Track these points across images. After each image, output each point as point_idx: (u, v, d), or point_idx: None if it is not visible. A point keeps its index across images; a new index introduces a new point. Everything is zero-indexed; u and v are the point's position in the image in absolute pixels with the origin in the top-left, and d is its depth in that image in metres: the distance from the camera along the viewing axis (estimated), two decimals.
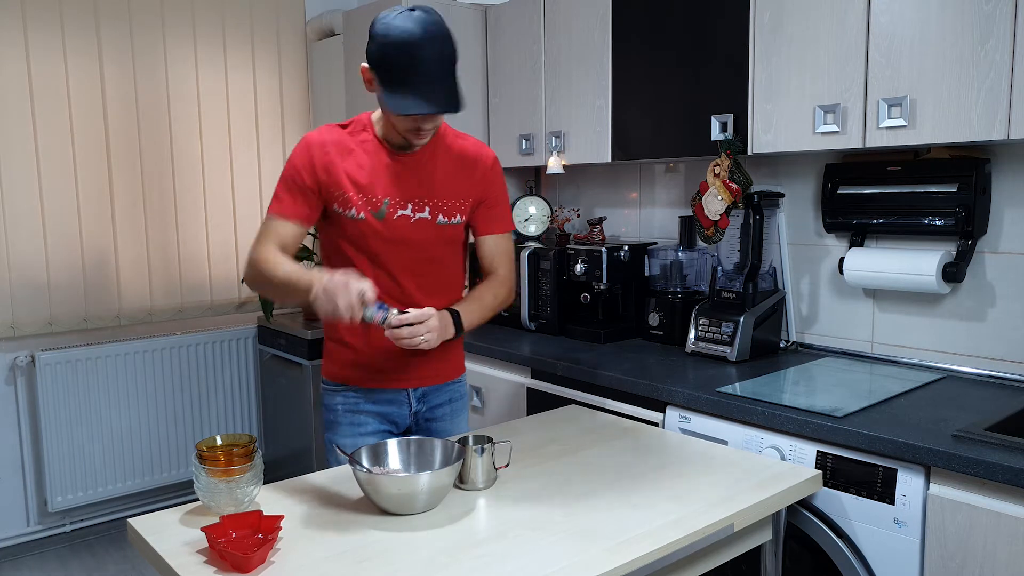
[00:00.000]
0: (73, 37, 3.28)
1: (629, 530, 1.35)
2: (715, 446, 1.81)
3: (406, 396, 1.88)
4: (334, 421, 1.88)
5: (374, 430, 1.86)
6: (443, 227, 1.80)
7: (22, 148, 3.21)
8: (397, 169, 1.75)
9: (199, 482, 1.43)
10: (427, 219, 1.77)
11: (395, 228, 1.75)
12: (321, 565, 1.25)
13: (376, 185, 1.73)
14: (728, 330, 2.34)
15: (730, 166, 2.28)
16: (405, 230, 1.76)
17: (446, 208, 1.79)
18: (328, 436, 1.89)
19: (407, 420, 1.90)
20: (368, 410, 1.86)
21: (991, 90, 1.77)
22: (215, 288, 3.74)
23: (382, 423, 1.87)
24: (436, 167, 1.78)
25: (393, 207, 1.74)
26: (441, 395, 1.92)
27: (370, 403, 1.85)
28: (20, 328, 3.27)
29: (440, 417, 1.93)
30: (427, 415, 1.92)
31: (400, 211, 1.74)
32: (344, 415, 1.86)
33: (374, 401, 1.86)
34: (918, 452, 1.61)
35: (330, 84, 3.72)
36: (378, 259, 1.77)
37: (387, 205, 1.73)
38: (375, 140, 1.75)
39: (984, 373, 2.12)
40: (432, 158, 1.78)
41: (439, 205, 1.78)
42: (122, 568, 3.16)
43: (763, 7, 2.17)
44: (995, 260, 2.10)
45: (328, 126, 1.77)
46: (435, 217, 1.78)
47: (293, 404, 3.57)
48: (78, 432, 3.38)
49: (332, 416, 1.88)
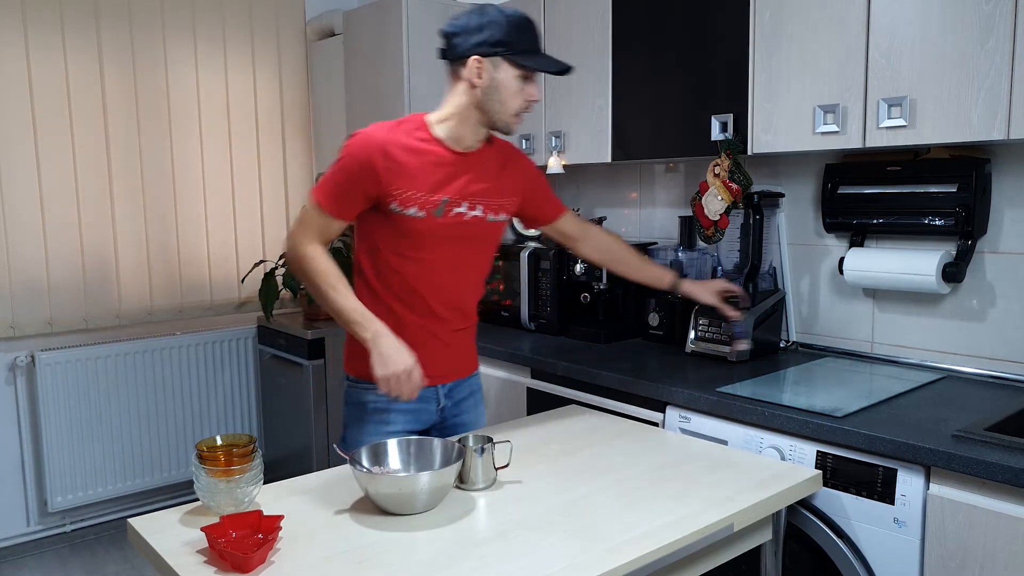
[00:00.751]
0: (73, 37, 3.28)
1: (629, 530, 1.36)
2: (715, 446, 1.81)
3: (435, 392, 1.90)
4: (360, 418, 1.87)
5: (400, 428, 1.87)
6: (491, 224, 1.88)
7: (22, 148, 3.21)
8: (455, 169, 1.80)
9: (199, 482, 1.43)
10: (480, 216, 1.84)
11: (450, 226, 1.80)
12: (321, 565, 1.25)
13: (435, 184, 1.77)
14: (728, 330, 2.34)
15: (730, 166, 2.28)
16: (460, 227, 1.81)
17: (495, 206, 1.87)
18: (349, 434, 1.88)
19: (434, 416, 1.92)
20: (398, 408, 1.86)
21: (991, 90, 1.77)
22: (215, 288, 3.74)
23: (409, 422, 1.88)
24: (489, 167, 1.86)
25: (450, 205, 1.79)
26: (464, 389, 1.97)
27: (400, 401, 1.82)
28: (20, 328, 3.27)
29: (465, 410, 1.97)
30: (453, 410, 1.95)
31: (456, 209, 1.80)
32: (372, 413, 1.86)
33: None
34: (918, 452, 1.61)
35: (330, 84, 3.72)
36: (426, 255, 1.80)
37: (445, 204, 1.78)
38: (433, 140, 1.79)
39: (984, 373, 2.12)
40: (485, 158, 1.86)
41: (491, 204, 1.86)
42: (122, 568, 3.17)
43: (763, 7, 2.17)
44: (995, 260, 2.10)
45: (383, 125, 1.78)
46: (486, 215, 1.85)
47: (293, 404, 3.57)
48: (78, 432, 3.38)
49: (358, 413, 1.87)
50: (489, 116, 1.78)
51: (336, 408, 3.46)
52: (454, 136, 1.79)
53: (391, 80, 3.13)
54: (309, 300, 3.57)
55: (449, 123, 1.79)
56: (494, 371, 2.70)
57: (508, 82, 1.75)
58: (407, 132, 1.77)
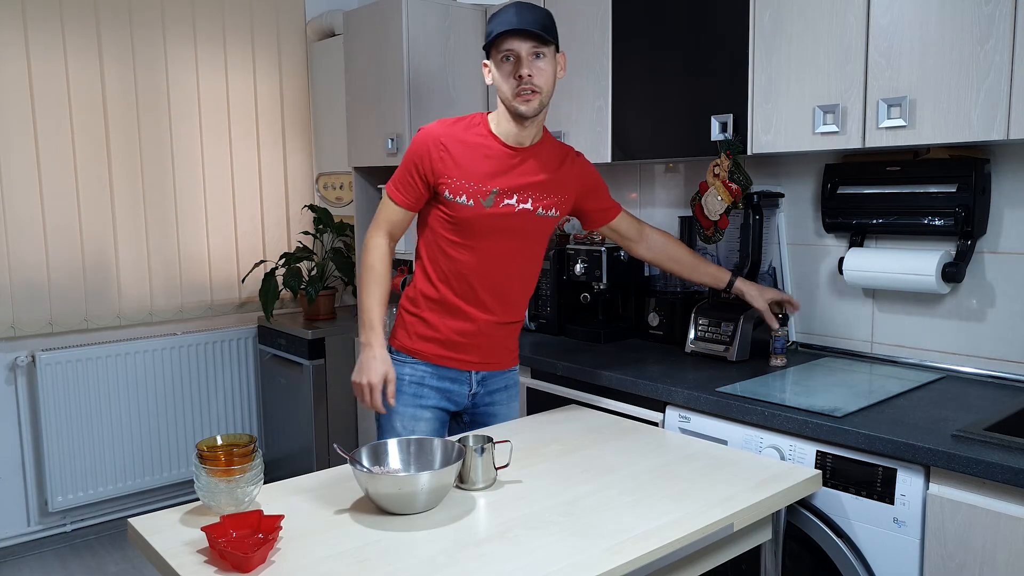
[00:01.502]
0: (73, 37, 3.28)
1: (629, 530, 1.36)
2: (715, 446, 1.81)
3: (468, 377, 2.00)
4: (399, 389, 1.93)
5: (434, 404, 1.98)
6: (541, 219, 1.95)
7: (22, 148, 3.21)
8: (508, 162, 1.89)
9: (199, 482, 1.43)
10: (529, 210, 1.91)
11: (499, 216, 1.89)
12: (321, 565, 1.25)
13: (487, 174, 1.87)
14: (728, 330, 2.34)
15: (730, 166, 2.28)
16: (508, 218, 1.90)
17: (546, 202, 1.94)
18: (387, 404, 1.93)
19: (465, 400, 2.02)
20: (432, 384, 1.97)
21: (991, 90, 1.77)
22: (215, 288, 3.75)
23: (441, 399, 1.99)
24: (542, 164, 1.93)
25: (500, 196, 1.88)
26: (498, 381, 2.05)
27: (435, 378, 1.97)
28: (20, 328, 3.27)
29: (497, 401, 2.05)
30: (485, 399, 2.04)
31: (506, 200, 1.88)
32: (410, 385, 1.96)
33: (439, 377, 1.97)
34: (918, 452, 1.61)
35: (330, 84, 3.72)
36: (476, 244, 1.90)
37: (495, 195, 1.87)
38: (490, 135, 1.90)
39: (984, 373, 2.12)
40: (539, 156, 1.93)
41: (541, 199, 1.93)
42: (122, 568, 3.17)
43: (763, 7, 2.17)
44: (995, 260, 2.10)
45: (446, 120, 1.93)
46: (536, 209, 1.92)
47: (293, 404, 3.57)
48: (78, 432, 3.38)
49: (397, 386, 1.92)
50: (506, 107, 1.87)
51: (336, 408, 3.47)
52: (504, 132, 1.89)
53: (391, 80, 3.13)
54: (309, 300, 3.57)
55: (499, 120, 1.91)
56: None
57: (497, 70, 1.84)
58: (466, 127, 1.91)
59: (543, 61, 1.82)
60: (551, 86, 1.86)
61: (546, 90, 1.84)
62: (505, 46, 1.80)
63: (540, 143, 1.94)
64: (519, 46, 1.79)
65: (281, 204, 3.91)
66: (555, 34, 1.86)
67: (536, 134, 1.93)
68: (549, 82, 1.84)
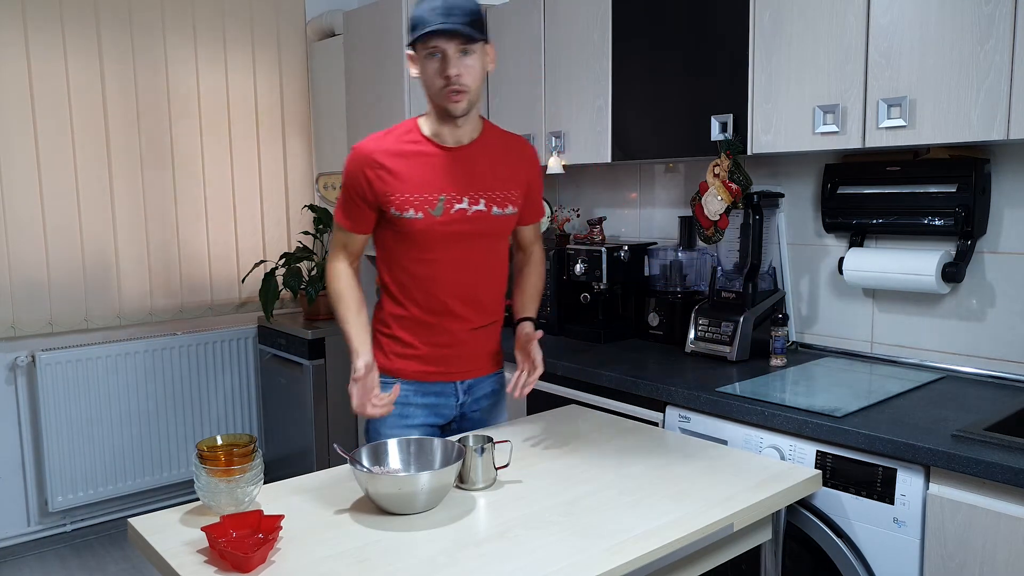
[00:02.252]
0: (73, 37, 3.28)
1: (629, 530, 1.36)
2: (715, 446, 1.81)
3: (454, 388, 1.92)
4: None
5: (421, 422, 1.89)
6: (498, 218, 1.85)
7: (22, 148, 3.21)
8: (449, 165, 1.79)
9: (199, 482, 1.43)
10: (483, 211, 1.81)
11: (453, 223, 1.79)
12: (321, 565, 1.25)
13: (430, 183, 1.77)
14: (728, 330, 2.34)
15: (730, 166, 2.28)
16: (463, 223, 1.80)
17: (500, 199, 1.84)
18: (372, 425, 1.89)
19: (453, 411, 1.94)
20: (417, 402, 1.88)
21: (991, 90, 1.77)
22: (215, 288, 3.74)
23: (429, 416, 1.90)
24: (486, 159, 1.83)
25: (450, 202, 1.78)
26: (485, 386, 1.97)
27: (419, 395, 1.88)
28: (20, 328, 3.27)
29: (485, 407, 1.98)
30: (473, 406, 1.96)
31: (457, 205, 1.79)
32: (395, 406, 1.86)
33: (423, 393, 1.88)
34: (918, 452, 1.61)
35: (330, 84, 3.72)
36: (436, 256, 1.80)
37: (443, 201, 1.77)
38: (424, 140, 1.80)
39: (984, 373, 2.12)
40: (482, 151, 1.83)
41: (493, 196, 1.83)
42: (122, 568, 3.17)
43: (763, 7, 2.17)
44: (995, 260, 2.10)
45: (375, 135, 1.82)
46: (490, 208, 1.83)
47: (293, 404, 3.57)
48: (78, 432, 3.38)
49: None
50: (434, 104, 1.76)
51: (336, 408, 3.47)
52: (439, 133, 1.79)
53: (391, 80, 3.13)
54: (309, 300, 3.57)
55: (431, 122, 1.80)
56: None
57: (423, 65, 1.73)
58: (397, 137, 1.80)
59: (471, 58, 1.71)
60: (480, 83, 1.76)
61: (474, 88, 1.74)
62: (432, 42, 1.69)
63: (482, 137, 1.84)
64: (446, 44, 1.68)
65: (281, 204, 3.91)
66: (484, 29, 1.73)
67: (474, 129, 1.82)
68: (477, 80, 1.74)
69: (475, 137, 1.83)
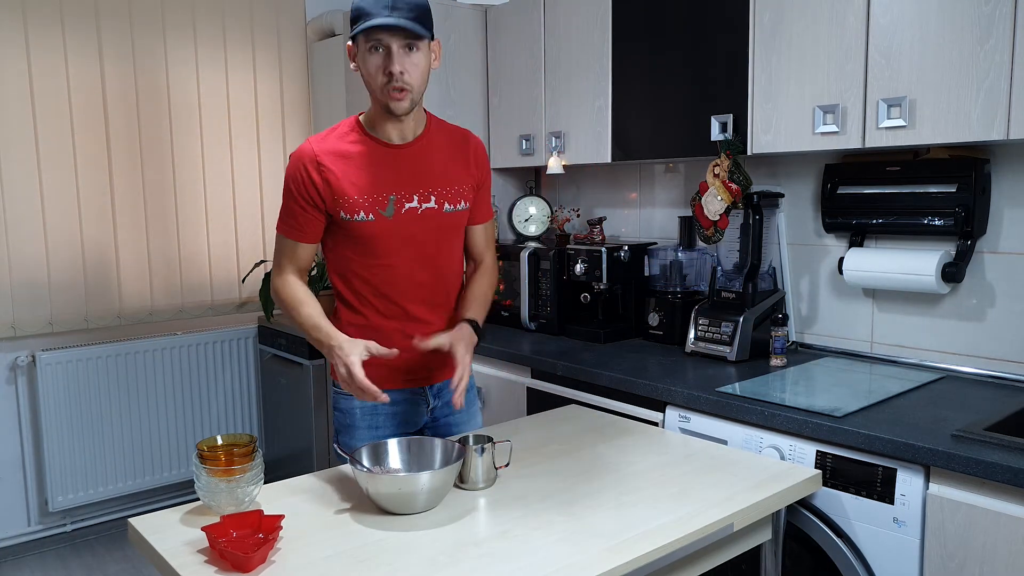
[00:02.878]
0: (73, 37, 3.28)
1: (629, 530, 1.36)
2: (715, 446, 1.81)
3: (424, 393, 1.87)
4: (351, 425, 1.84)
5: (391, 432, 1.84)
6: (450, 215, 1.79)
7: (22, 148, 3.21)
8: (396, 163, 1.73)
9: (200, 482, 1.43)
10: (434, 208, 1.75)
11: (404, 223, 1.73)
12: (321, 565, 1.25)
13: (378, 183, 1.71)
14: (728, 330, 2.34)
15: (730, 166, 2.29)
16: (415, 223, 1.74)
17: (451, 195, 1.78)
18: (342, 440, 1.85)
19: (424, 418, 1.89)
20: (386, 412, 1.83)
21: (991, 90, 1.77)
22: (215, 288, 3.74)
23: (399, 425, 1.85)
24: (433, 155, 1.77)
25: (400, 202, 1.72)
26: None
27: (387, 405, 1.78)
28: (20, 328, 3.27)
29: (457, 411, 1.90)
30: (444, 411, 1.90)
31: (407, 204, 1.73)
32: (362, 418, 1.83)
33: (393, 402, 1.79)
34: (918, 452, 1.61)
35: (330, 84, 3.72)
36: (389, 259, 1.75)
37: (393, 201, 1.71)
38: (368, 139, 1.73)
39: (984, 373, 2.12)
40: (428, 147, 1.77)
41: (444, 193, 1.77)
42: (122, 568, 3.17)
43: (763, 7, 2.17)
44: (994, 260, 2.10)
45: (315, 136, 1.75)
46: (441, 205, 1.77)
47: (293, 404, 3.57)
48: (78, 432, 3.38)
49: (348, 420, 1.84)
50: (375, 99, 1.70)
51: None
52: (382, 130, 1.73)
53: None
54: None
55: (373, 119, 1.74)
56: (494, 371, 2.70)
57: (365, 58, 1.65)
58: (339, 137, 1.73)
59: (416, 55, 1.64)
60: (424, 81, 1.68)
61: (417, 86, 1.66)
62: (375, 35, 1.61)
63: (427, 132, 1.77)
64: (390, 39, 1.61)
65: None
66: (431, 24, 1.66)
67: (418, 124, 1.75)
68: (422, 77, 1.67)
69: (419, 132, 1.76)
